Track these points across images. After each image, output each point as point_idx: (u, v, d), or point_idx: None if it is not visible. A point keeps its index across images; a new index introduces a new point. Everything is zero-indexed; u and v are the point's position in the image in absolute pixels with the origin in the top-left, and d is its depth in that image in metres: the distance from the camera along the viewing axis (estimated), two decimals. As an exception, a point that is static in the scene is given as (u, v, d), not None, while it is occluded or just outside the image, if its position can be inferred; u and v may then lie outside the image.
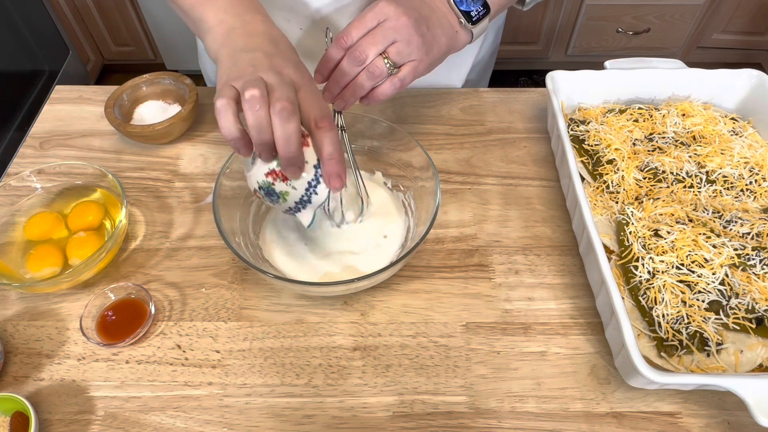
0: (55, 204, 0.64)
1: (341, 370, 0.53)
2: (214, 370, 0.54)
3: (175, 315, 0.57)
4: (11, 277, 0.58)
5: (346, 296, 0.59)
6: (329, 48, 0.53)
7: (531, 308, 0.58)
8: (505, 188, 0.69)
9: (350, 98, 0.54)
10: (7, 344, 0.55)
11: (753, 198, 0.61)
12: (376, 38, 0.51)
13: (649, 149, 0.66)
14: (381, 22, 0.51)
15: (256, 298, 0.59)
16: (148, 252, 0.63)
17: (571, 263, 0.61)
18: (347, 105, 0.55)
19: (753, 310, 0.50)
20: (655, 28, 1.99)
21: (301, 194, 0.49)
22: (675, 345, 0.49)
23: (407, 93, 0.81)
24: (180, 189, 0.69)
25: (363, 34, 0.51)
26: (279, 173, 0.47)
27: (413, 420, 0.50)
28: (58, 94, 0.80)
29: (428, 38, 0.53)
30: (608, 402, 0.51)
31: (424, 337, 0.56)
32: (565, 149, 0.61)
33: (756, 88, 0.69)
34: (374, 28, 0.51)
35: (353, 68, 0.52)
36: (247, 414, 0.51)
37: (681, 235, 0.53)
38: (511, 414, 0.51)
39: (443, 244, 0.63)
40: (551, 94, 0.67)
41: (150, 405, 0.51)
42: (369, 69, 0.51)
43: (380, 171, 0.66)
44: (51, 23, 1.79)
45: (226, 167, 0.58)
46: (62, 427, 0.50)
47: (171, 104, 0.75)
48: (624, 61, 0.72)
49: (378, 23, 0.51)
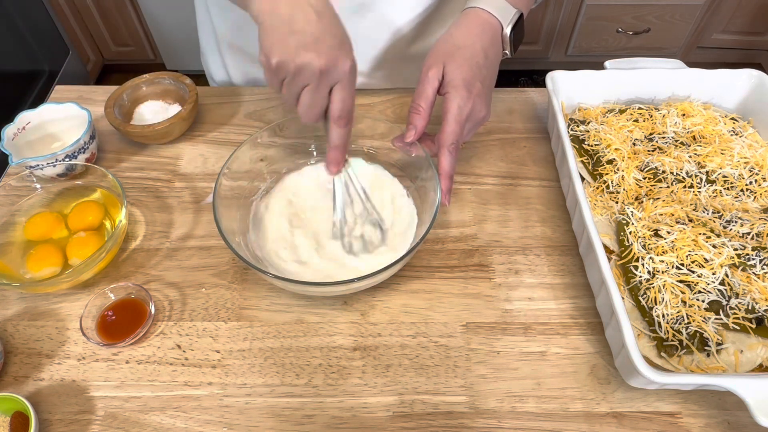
0: (55, 204, 0.64)
1: (341, 370, 0.53)
2: (214, 370, 0.54)
3: (175, 315, 0.57)
4: (11, 277, 0.58)
5: (346, 296, 0.59)
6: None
7: (531, 308, 0.58)
8: (505, 188, 0.69)
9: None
10: (7, 344, 0.55)
11: (753, 198, 0.61)
12: (465, 136, 0.60)
13: (649, 149, 0.66)
14: (470, 120, 0.59)
15: (256, 298, 0.59)
16: (148, 252, 0.63)
17: (571, 263, 0.61)
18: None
19: (753, 310, 0.50)
20: (655, 28, 1.99)
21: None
22: (675, 345, 0.49)
23: (407, 93, 0.81)
24: (180, 189, 0.69)
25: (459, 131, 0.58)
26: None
27: (413, 420, 0.50)
28: (58, 94, 0.80)
29: (489, 96, 0.61)
30: (608, 402, 0.51)
31: (424, 337, 0.56)
32: (565, 149, 0.61)
33: (756, 88, 0.69)
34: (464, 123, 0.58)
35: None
36: (247, 414, 0.51)
37: (681, 235, 0.53)
38: (511, 414, 0.51)
39: (443, 244, 0.63)
40: (551, 94, 0.67)
41: (150, 405, 0.51)
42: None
43: (380, 171, 0.66)
44: (51, 23, 1.79)
45: (226, 167, 0.58)
46: (62, 427, 0.50)
47: (171, 104, 0.75)
48: (624, 61, 0.72)
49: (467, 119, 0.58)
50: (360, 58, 0.74)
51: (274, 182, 0.65)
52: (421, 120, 0.58)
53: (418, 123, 0.58)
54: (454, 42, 0.59)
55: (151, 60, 2.16)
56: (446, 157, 0.57)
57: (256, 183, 0.63)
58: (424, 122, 0.58)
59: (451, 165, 0.57)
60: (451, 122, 0.57)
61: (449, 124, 0.57)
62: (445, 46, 0.59)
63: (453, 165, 0.58)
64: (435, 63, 0.58)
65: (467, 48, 0.58)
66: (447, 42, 0.59)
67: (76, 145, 0.64)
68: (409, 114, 0.59)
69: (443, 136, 0.57)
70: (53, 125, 0.70)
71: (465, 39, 0.59)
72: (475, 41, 0.59)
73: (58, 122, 0.70)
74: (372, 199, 0.60)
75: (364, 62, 0.76)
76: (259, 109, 0.78)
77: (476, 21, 0.60)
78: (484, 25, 0.60)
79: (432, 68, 0.58)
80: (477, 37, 0.59)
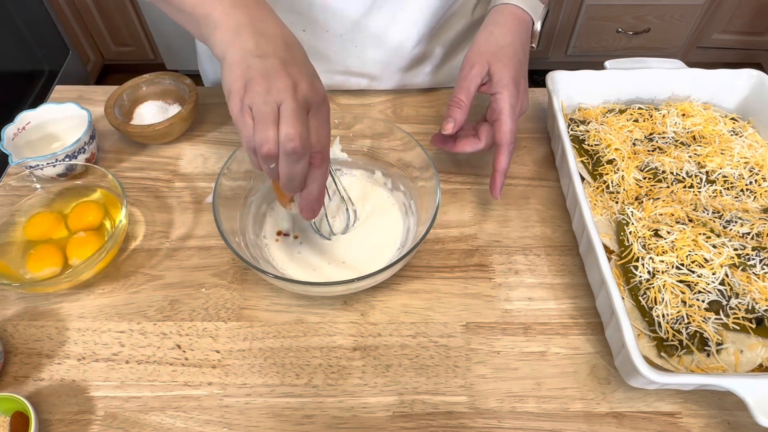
0: (55, 204, 0.64)
1: (341, 370, 0.53)
2: (214, 370, 0.54)
3: (175, 315, 0.57)
4: (11, 277, 0.58)
5: (346, 296, 0.59)
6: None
7: (531, 308, 0.58)
8: (505, 188, 0.69)
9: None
10: (7, 344, 0.55)
11: (753, 198, 0.61)
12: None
13: (649, 149, 0.66)
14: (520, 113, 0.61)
15: (256, 298, 0.59)
16: (148, 252, 0.63)
17: (571, 263, 0.61)
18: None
19: (753, 310, 0.50)
20: (655, 28, 1.99)
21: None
22: (675, 345, 0.49)
23: (407, 93, 0.81)
24: (180, 189, 0.69)
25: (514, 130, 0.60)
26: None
27: (413, 420, 0.50)
28: (58, 94, 0.80)
29: (528, 89, 0.63)
30: (608, 402, 0.51)
31: (424, 337, 0.55)
32: (565, 149, 0.61)
33: (756, 88, 0.69)
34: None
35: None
36: (247, 414, 0.51)
37: (681, 235, 0.53)
38: (511, 414, 0.51)
39: (443, 244, 0.63)
40: (551, 94, 0.67)
41: (150, 405, 0.51)
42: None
43: (380, 171, 0.66)
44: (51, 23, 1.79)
45: (226, 167, 0.58)
46: (62, 427, 0.50)
47: (171, 104, 0.75)
48: (624, 61, 0.72)
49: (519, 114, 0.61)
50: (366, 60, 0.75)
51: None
52: (461, 113, 0.60)
53: (458, 116, 0.60)
54: (496, 41, 0.60)
55: (151, 60, 2.15)
56: (506, 155, 0.59)
57: (256, 183, 0.63)
58: (464, 116, 0.60)
59: (508, 162, 0.60)
60: (507, 121, 0.58)
61: (506, 123, 0.58)
62: (488, 45, 0.60)
63: (509, 162, 0.60)
64: (479, 61, 0.59)
65: (509, 46, 0.60)
66: (489, 41, 0.60)
67: (76, 145, 0.64)
68: (449, 107, 0.60)
69: (502, 135, 0.59)
70: (53, 125, 0.70)
71: (506, 37, 0.60)
72: (515, 39, 0.60)
73: (58, 122, 0.70)
74: (341, 180, 0.62)
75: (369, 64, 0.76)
76: (259, 109, 0.78)
77: (512, 18, 0.62)
78: (520, 22, 0.62)
79: (476, 66, 0.59)
80: (516, 35, 0.61)
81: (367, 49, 0.74)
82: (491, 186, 0.61)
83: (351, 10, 0.69)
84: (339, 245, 0.61)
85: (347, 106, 0.79)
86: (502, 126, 0.59)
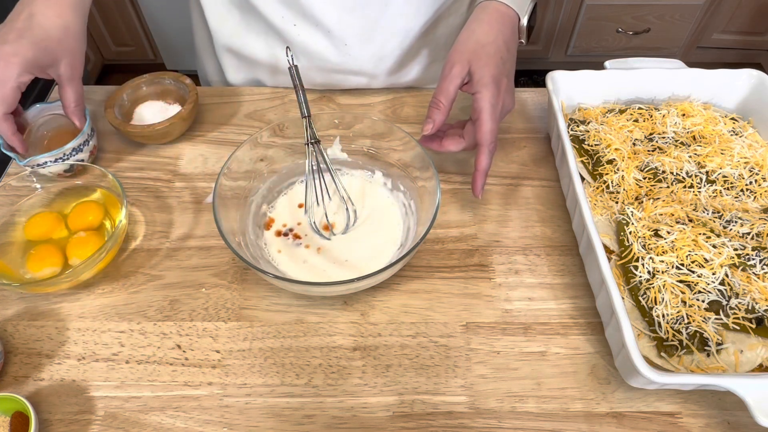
0: (55, 204, 0.64)
1: (341, 370, 0.53)
2: (214, 370, 0.54)
3: (175, 315, 0.57)
4: (11, 277, 0.58)
5: (346, 296, 0.59)
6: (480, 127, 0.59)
7: (531, 308, 0.58)
8: (505, 188, 0.69)
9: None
10: (7, 344, 0.55)
11: (753, 198, 0.61)
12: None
13: (649, 149, 0.66)
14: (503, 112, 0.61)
15: (256, 298, 0.59)
16: (148, 252, 0.63)
17: (571, 263, 0.61)
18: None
19: (753, 310, 0.50)
20: (655, 28, 1.99)
21: None
22: (675, 345, 0.49)
23: (407, 93, 0.81)
24: (180, 189, 0.69)
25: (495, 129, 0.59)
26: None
27: (413, 420, 0.50)
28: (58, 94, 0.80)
29: (513, 87, 0.63)
30: (608, 402, 0.51)
31: (424, 337, 0.56)
32: (565, 149, 0.61)
33: (756, 88, 0.69)
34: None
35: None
36: (247, 414, 0.51)
37: (681, 235, 0.53)
38: (511, 414, 0.51)
39: (443, 244, 0.63)
40: (551, 94, 0.67)
41: (150, 405, 0.51)
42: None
43: (380, 171, 0.66)
44: (51, 23, 1.78)
45: (226, 167, 0.58)
46: (62, 427, 0.50)
47: (171, 104, 0.75)
48: (624, 61, 0.72)
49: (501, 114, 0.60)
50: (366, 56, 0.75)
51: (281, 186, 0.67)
52: (440, 114, 0.59)
53: (437, 117, 0.59)
54: (477, 39, 0.59)
55: (151, 60, 2.16)
56: (486, 155, 0.59)
57: (256, 183, 0.63)
58: (443, 117, 0.60)
59: (489, 163, 0.60)
60: (487, 121, 0.58)
61: (486, 123, 0.58)
62: (468, 44, 0.59)
63: (490, 162, 0.60)
64: (459, 60, 0.59)
65: (491, 44, 0.59)
66: (469, 39, 0.60)
67: (81, 138, 0.65)
68: (429, 108, 0.60)
69: (482, 135, 0.58)
70: (53, 125, 0.70)
71: (487, 35, 0.59)
72: (497, 36, 0.59)
73: (58, 122, 0.70)
74: (341, 180, 0.62)
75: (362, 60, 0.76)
76: (259, 109, 0.78)
77: (495, 15, 0.61)
78: (503, 18, 0.61)
79: (456, 66, 0.58)
80: (499, 32, 0.60)
81: (357, 45, 0.74)
82: (472, 186, 0.61)
83: (339, 4, 0.69)
84: (339, 245, 0.61)
85: (347, 106, 0.79)
86: (482, 126, 0.58)
